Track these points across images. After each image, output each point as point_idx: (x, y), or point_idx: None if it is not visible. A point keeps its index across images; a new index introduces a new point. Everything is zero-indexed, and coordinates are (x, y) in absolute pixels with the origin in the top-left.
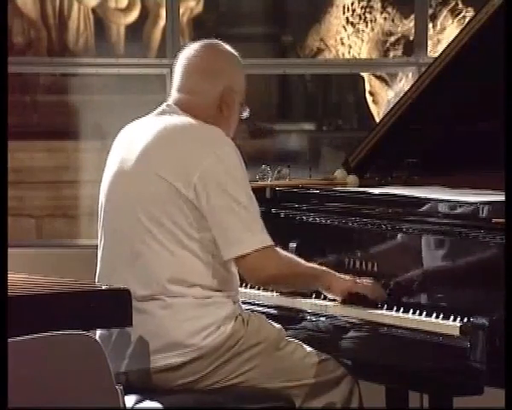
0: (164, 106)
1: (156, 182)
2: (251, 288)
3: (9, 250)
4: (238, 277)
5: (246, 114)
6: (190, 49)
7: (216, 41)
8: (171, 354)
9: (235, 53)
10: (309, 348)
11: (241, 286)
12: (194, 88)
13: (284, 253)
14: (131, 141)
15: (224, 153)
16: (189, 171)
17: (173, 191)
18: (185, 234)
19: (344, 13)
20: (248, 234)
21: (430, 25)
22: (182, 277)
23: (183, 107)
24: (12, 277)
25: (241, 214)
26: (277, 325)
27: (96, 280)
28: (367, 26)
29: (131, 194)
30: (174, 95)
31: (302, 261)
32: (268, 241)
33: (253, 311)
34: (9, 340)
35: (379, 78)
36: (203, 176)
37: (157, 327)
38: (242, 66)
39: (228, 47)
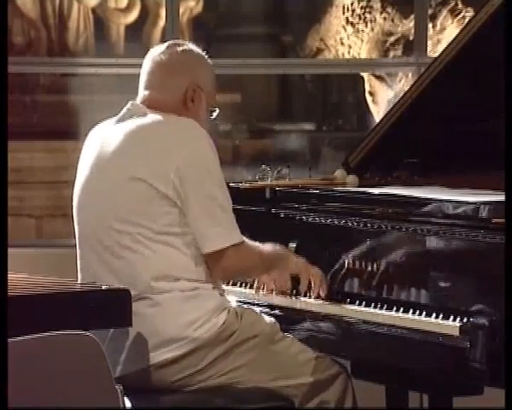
0: (129, 105)
1: (133, 185)
2: (250, 288)
3: (9, 250)
4: None
5: (215, 114)
6: (155, 50)
7: (182, 41)
8: (166, 350)
9: (202, 53)
10: (303, 345)
11: (240, 286)
12: (159, 84)
13: (251, 245)
14: (103, 144)
15: (200, 146)
16: (166, 168)
17: (153, 191)
18: (167, 231)
19: (344, 13)
20: (222, 230)
21: (430, 25)
22: (166, 273)
23: (150, 104)
24: (12, 277)
25: (215, 211)
26: (271, 319)
27: None
28: (367, 26)
29: (107, 198)
30: (141, 93)
31: (264, 249)
32: (240, 237)
33: None
34: (9, 340)
35: (379, 78)
36: (180, 172)
37: (148, 326)
38: (211, 67)
39: (194, 47)
